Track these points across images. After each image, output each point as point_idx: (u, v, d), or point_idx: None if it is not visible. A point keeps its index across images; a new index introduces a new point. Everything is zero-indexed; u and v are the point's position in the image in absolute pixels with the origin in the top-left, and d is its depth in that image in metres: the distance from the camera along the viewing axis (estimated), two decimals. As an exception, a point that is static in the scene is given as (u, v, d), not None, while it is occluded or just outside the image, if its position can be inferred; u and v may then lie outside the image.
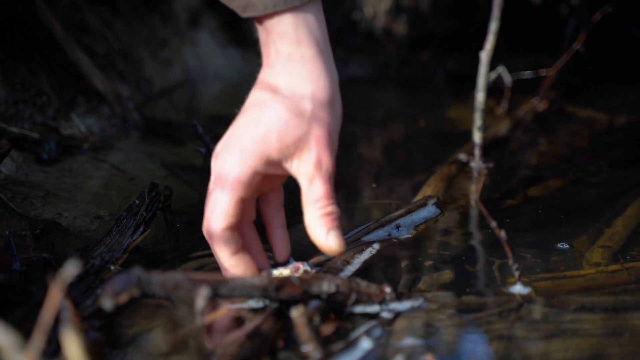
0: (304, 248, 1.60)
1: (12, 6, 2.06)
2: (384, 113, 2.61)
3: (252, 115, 1.37)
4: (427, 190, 1.86)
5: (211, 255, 1.47)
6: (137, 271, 1.18)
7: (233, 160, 1.37)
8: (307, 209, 1.39)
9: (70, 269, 0.97)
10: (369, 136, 2.39)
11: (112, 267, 1.46)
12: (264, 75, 1.38)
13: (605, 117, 2.47)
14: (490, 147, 2.11)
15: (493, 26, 1.97)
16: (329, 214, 1.39)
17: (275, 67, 1.37)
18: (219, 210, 1.38)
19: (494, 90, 2.32)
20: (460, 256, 1.61)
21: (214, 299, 1.31)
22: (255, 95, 1.39)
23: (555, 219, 1.78)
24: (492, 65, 2.02)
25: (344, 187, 2.00)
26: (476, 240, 1.70)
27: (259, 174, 1.38)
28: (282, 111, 1.35)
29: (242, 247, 1.41)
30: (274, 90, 1.36)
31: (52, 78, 2.09)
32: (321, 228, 1.39)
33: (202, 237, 1.45)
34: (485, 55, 1.98)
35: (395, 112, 2.62)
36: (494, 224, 1.40)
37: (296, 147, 1.36)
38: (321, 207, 1.38)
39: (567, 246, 1.63)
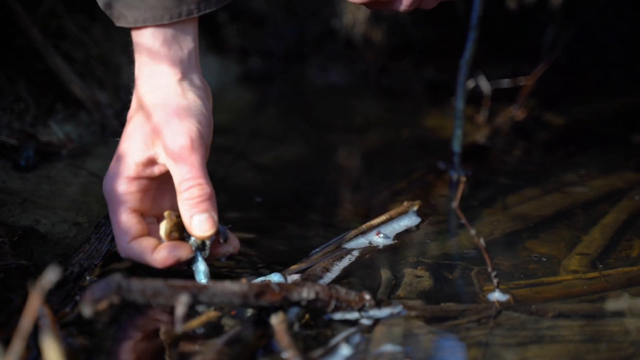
0: (284, 256, 1.61)
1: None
2: (363, 121, 2.62)
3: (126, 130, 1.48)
4: (407, 197, 1.87)
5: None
6: (116, 278, 1.17)
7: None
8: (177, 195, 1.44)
9: (50, 276, 0.97)
10: (347, 144, 2.39)
11: (88, 278, 1.46)
12: (137, 85, 1.48)
13: (583, 125, 2.49)
14: (468, 155, 2.12)
15: (472, 35, 1.98)
16: (192, 197, 1.40)
17: (141, 79, 1.46)
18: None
19: (473, 98, 2.33)
20: (440, 263, 1.62)
21: (194, 306, 1.31)
22: (131, 108, 1.50)
23: (533, 227, 1.79)
24: (471, 74, 2.03)
25: (323, 194, 2.01)
26: (455, 248, 1.70)
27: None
28: (141, 122, 1.45)
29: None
30: (139, 103, 1.46)
31: (31, 85, 2.08)
32: (185, 212, 1.41)
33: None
34: (464, 64, 1.99)
35: (374, 120, 2.62)
36: (473, 231, 1.41)
37: (152, 143, 1.43)
38: (183, 189, 1.41)
39: (545, 258, 1.64)
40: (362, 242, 1.66)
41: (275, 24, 2.97)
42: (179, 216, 1.43)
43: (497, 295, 1.46)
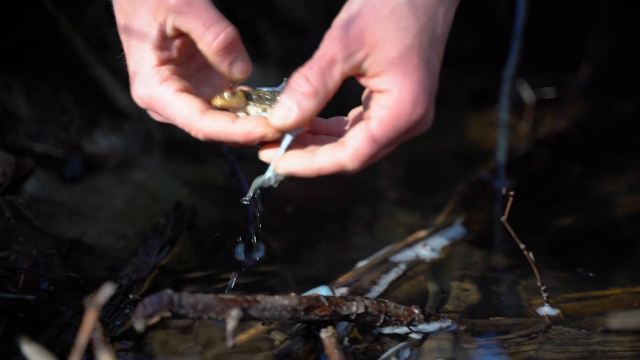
0: (329, 269, 1.61)
1: (36, 24, 2.07)
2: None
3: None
4: (452, 209, 1.86)
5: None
6: (168, 293, 1.18)
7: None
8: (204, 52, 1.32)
9: (105, 292, 0.97)
10: (389, 154, 2.38)
11: (131, 296, 1.46)
12: None
13: (627, 134, 2.46)
14: (512, 166, 2.11)
15: (515, 46, 1.97)
16: (222, 44, 1.28)
17: None
18: None
19: (516, 105, 2.31)
20: (486, 277, 1.61)
21: (245, 320, 1.31)
22: None
23: (580, 239, 1.78)
24: (514, 81, 2.02)
25: (366, 205, 2.00)
26: (501, 261, 1.69)
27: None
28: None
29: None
30: None
31: (75, 96, 2.10)
32: (222, 63, 1.30)
33: (228, 255, 1.46)
34: (508, 75, 1.98)
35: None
36: (522, 245, 1.40)
37: (155, 16, 1.30)
38: (209, 42, 1.29)
39: (592, 272, 1.62)
40: (408, 254, 1.65)
41: (315, 33, 2.96)
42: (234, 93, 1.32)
43: (546, 310, 1.45)
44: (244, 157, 1.97)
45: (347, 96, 1.51)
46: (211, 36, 1.27)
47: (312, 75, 1.24)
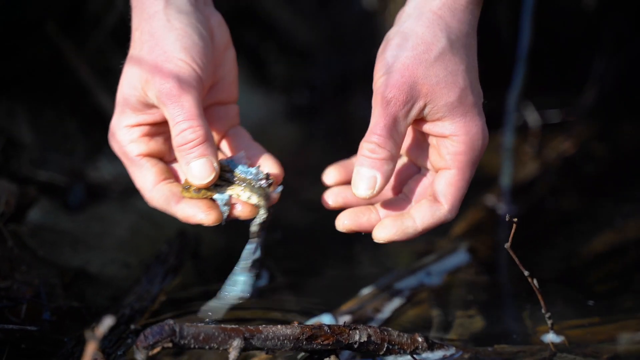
0: (332, 296, 1.61)
1: (41, 50, 2.07)
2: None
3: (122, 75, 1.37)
4: (457, 235, 1.85)
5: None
6: (170, 323, 1.17)
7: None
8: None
9: (105, 323, 0.97)
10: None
11: (133, 326, 1.45)
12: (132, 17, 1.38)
13: (634, 158, 2.45)
14: (517, 191, 2.10)
15: (520, 69, 1.97)
16: (185, 141, 1.29)
17: (134, 9, 1.37)
18: None
19: (520, 129, 2.31)
20: (491, 303, 1.60)
21: (247, 350, 1.31)
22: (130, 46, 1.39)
23: (585, 265, 1.77)
24: (519, 104, 2.02)
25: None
26: (505, 287, 1.68)
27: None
28: (133, 64, 1.35)
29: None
30: (132, 41, 1.37)
31: (79, 123, 2.10)
32: (181, 159, 1.31)
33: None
34: (512, 100, 1.98)
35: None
36: (526, 272, 1.39)
37: (143, 87, 1.33)
38: (176, 134, 1.30)
39: (598, 298, 1.61)
40: (412, 281, 1.65)
41: (320, 57, 2.97)
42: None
43: (551, 337, 1.44)
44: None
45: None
46: (176, 131, 1.29)
47: (382, 140, 1.27)
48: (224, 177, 1.31)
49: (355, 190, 1.30)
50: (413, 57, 1.28)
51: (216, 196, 1.31)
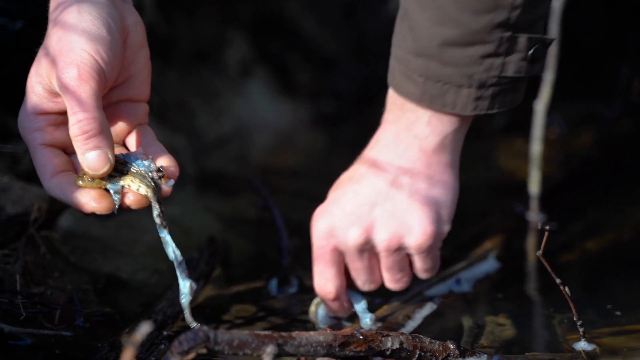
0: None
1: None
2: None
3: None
4: (486, 242, 1.85)
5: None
6: (204, 329, 1.18)
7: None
8: None
9: (142, 330, 0.98)
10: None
11: (165, 332, 1.46)
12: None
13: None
14: (545, 198, 2.10)
15: (548, 77, 1.97)
16: (81, 132, 1.27)
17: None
18: None
19: (547, 136, 2.30)
20: (521, 311, 1.60)
21: (280, 356, 1.31)
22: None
23: (614, 272, 1.76)
24: (546, 112, 2.02)
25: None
26: (535, 294, 1.68)
27: None
28: (43, 51, 1.33)
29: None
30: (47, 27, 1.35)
31: (108, 130, 2.11)
32: (77, 149, 1.29)
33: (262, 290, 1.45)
34: (541, 106, 1.98)
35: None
36: (558, 280, 1.39)
37: (48, 74, 1.31)
38: (72, 124, 1.28)
39: (627, 305, 1.61)
40: (442, 288, 1.65)
41: (346, 65, 2.98)
42: None
43: (582, 345, 1.44)
44: (277, 191, 1.98)
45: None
46: (72, 121, 1.27)
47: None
48: (119, 170, 1.32)
49: None
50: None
51: (109, 186, 1.31)
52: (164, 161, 1.36)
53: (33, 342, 1.41)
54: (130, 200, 1.33)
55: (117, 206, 1.32)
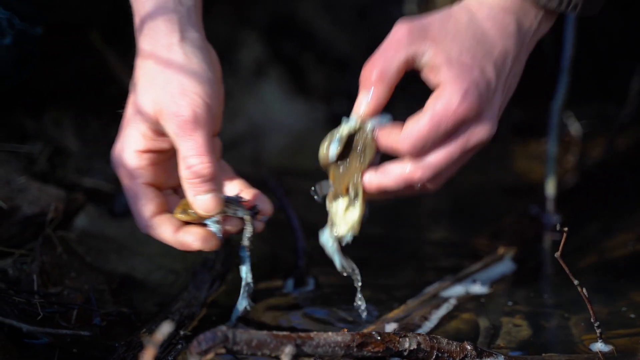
0: (378, 304, 1.61)
1: (86, 60, 2.09)
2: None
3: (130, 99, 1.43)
4: (502, 244, 1.85)
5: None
6: (223, 329, 1.18)
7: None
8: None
9: (163, 330, 0.98)
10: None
11: (182, 332, 1.46)
12: (138, 42, 1.40)
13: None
14: (560, 199, 2.10)
15: (564, 79, 1.97)
16: (194, 176, 1.34)
17: (141, 35, 1.40)
18: None
19: (562, 138, 2.30)
20: (537, 312, 1.60)
21: (298, 357, 1.31)
22: (135, 72, 1.41)
23: (629, 273, 1.76)
24: (561, 114, 2.01)
25: (413, 239, 2.00)
26: (551, 296, 1.68)
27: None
28: (145, 90, 1.38)
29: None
30: (142, 66, 1.39)
31: (124, 131, 2.11)
32: (188, 191, 1.36)
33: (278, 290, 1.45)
34: (557, 108, 1.98)
35: (461, 163, 2.61)
36: (576, 281, 1.39)
37: (157, 115, 1.36)
38: (185, 168, 1.34)
39: (634, 315, 1.61)
40: (458, 289, 1.65)
41: (360, 66, 2.97)
42: None
43: (599, 346, 1.44)
44: (292, 192, 1.98)
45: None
46: (186, 164, 1.33)
47: (377, 59, 1.33)
48: None
49: (356, 109, 1.37)
50: (436, 16, 1.35)
51: (207, 220, 1.38)
52: (259, 200, 1.43)
53: (50, 341, 1.41)
54: (230, 224, 1.40)
55: (220, 236, 1.39)
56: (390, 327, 1.49)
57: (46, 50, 1.82)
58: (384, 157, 1.38)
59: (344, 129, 1.38)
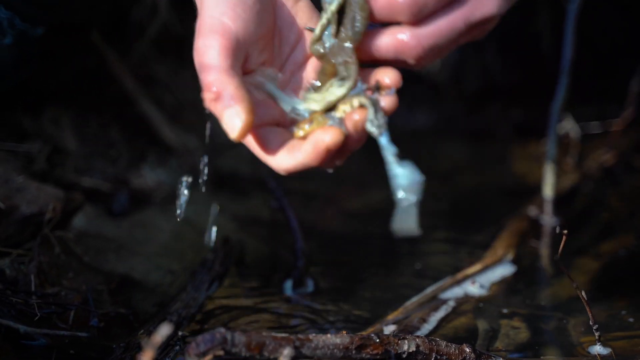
0: (377, 305, 1.61)
1: (86, 60, 2.09)
2: (449, 165, 2.60)
3: None
4: (500, 245, 1.85)
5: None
6: (221, 331, 1.18)
7: None
8: None
9: (162, 332, 0.98)
10: (434, 188, 2.38)
11: (180, 333, 1.45)
12: None
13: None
14: (559, 201, 2.09)
15: (563, 81, 1.97)
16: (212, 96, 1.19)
17: None
18: None
19: (561, 139, 2.30)
20: (536, 314, 1.60)
21: (297, 359, 1.31)
22: None
23: (627, 276, 1.76)
24: (560, 116, 2.01)
25: (413, 241, 2.00)
26: (550, 298, 1.68)
27: None
28: None
29: None
30: None
31: (123, 131, 2.12)
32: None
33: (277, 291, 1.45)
34: (556, 109, 1.98)
35: (460, 165, 2.61)
36: (574, 284, 1.39)
37: None
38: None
39: (632, 319, 1.61)
40: (457, 291, 1.65)
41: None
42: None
43: (598, 349, 1.44)
44: (291, 192, 1.98)
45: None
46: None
47: None
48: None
49: None
50: None
51: (329, 123, 1.20)
52: (379, 73, 1.22)
53: (47, 342, 1.41)
54: (353, 121, 1.19)
55: (345, 130, 1.19)
56: (389, 329, 1.49)
57: (46, 50, 1.82)
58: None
59: (333, 4, 1.22)
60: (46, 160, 1.92)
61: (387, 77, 1.21)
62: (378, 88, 1.21)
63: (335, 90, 1.22)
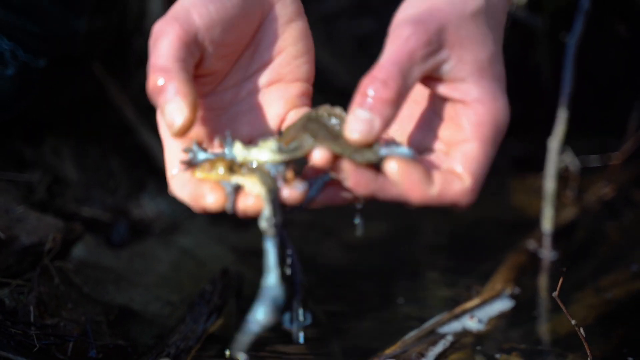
0: (375, 339, 1.61)
1: (86, 89, 2.10)
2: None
3: None
4: (498, 279, 1.85)
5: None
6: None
7: None
8: None
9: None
10: (431, 222, 2.38)
11: None
12: None
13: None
14: (558, 235, 2.10)
15: (563, 114, 1.97)
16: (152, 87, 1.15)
17: None
18: None
19: (561, 172, 2.30)
20: (534, 349, 1.60)
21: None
22: None
23: (627, 311, 1.76)
24: (559, 149, 2.02)
25: (411, 274, 2.00)
26: (548, 334, 1.68)
27: None
28: None
29: None
30: None
31: (123, 160, 2.12)
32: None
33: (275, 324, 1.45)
34: (555, 143, 1.98)
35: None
36: (573, 321, 1.39)
37: None
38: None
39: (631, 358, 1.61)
40: (455, 326, 1.65)
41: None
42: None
43: (597, 386, 1.44)
44: (290, 223, 1.98)
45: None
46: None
47: (389, 77, 1.08)
48: (249, 169, 1.15)
49: (348, 133, 1.11)
50: (447, 3, 1.12)
51: (223, 183, 1.15)
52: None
53: (46, 373, 1.42)
54: (244, 204, 1.16)
55: (230, 205, 1.13)
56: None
57: (48, 80, 1.83)
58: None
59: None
60: (46, 190, 1.93)
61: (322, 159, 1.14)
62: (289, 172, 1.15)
63: (262, 153, 1.15)
